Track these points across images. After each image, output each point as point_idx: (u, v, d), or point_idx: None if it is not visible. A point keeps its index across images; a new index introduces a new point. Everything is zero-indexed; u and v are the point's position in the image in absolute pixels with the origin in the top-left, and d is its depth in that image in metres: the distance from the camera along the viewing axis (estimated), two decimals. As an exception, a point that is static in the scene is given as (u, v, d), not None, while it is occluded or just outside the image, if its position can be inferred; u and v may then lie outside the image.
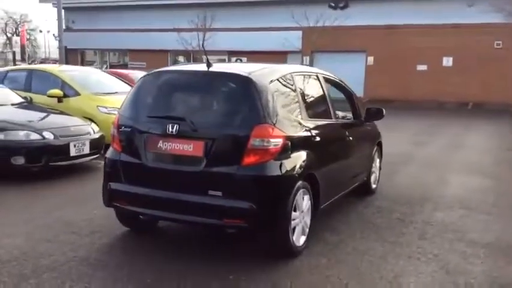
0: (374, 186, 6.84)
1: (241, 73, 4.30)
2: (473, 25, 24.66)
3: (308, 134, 4.62)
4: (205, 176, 4.13)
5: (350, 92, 6.22)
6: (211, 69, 4.48)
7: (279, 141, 4.13)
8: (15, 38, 53.99)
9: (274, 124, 4.13)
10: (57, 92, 9.31)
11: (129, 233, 4.98)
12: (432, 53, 26.12)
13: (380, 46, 27.29)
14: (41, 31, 69.95)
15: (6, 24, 67.44)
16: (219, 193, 4.06)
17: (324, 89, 5.35)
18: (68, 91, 9.47)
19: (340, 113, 6.30)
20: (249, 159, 4.03)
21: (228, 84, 4.38)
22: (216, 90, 4.42)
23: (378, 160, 6.97)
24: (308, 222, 4.64)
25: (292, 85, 4.68)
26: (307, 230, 4.63)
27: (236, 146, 4.09)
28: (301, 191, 4.41)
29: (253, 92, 4.16)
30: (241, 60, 27.93)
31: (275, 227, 4.20)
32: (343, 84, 6.13)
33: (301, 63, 28.89)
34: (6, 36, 66.40)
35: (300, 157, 4.40)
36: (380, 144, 7.03)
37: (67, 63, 24.09)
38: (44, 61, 49.43)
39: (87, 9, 35.27)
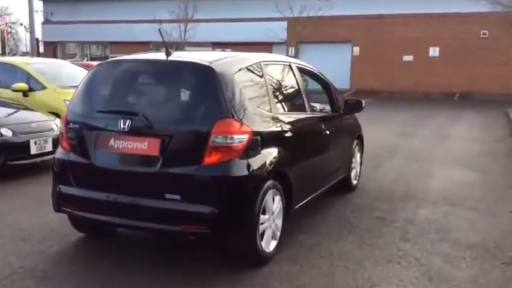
0: (354, 182, 6.47)
1: (202, 62, 3.88)
2: (460, 14, 24.45)
3: (279, 128, 4.21)
4: (161, 177, 3.71)
5: (327, 83, 5.81)
6: (170, 58, 4.04)
7: (245, 138, 3.72)
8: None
9: (238, 118, 3.72)
10: (22, 85, 8.80)
11: (84, 239, 4.56)
12: (418, 43, 25.89)
13: (365, 36, 26.98)
14: (21, 24, 68.82)
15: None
16: (177, 196, 3.65)
17: (298, 80, 4.94)
18: (34, 85, 8.95)
19: (318, 106, 5.92)
20: (211, 158, 3.62)
21: (187, 75, 3.95)
22: (174, 81, 3.99)
23: (358, 154, 6.59)
24: (280, 225, 4.25)
25: (261, 75, 4.27)
26: (278, 233, 4.24)
27: (196, 143, 3.67)
28: (271, 191, 4.02)
29: (215, 82, 3.74)
30: (224, 51, 27.48)
31: (240, 232, 3.80)
32: (319, 74, 5.72)
33: (287, 55, 28.50)
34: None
35: (269, 154, 4.00)
36: (360, 138, 6.64)
37: (45, 56, 23.45)
38: (25, 55, 48.56)
39: (66, 0, 34.36)
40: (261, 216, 3.90)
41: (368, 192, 6.37)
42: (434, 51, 26.09)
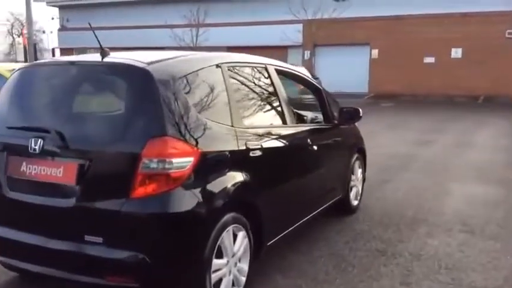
0: (355, 203, 5.55)
1: (137, 64, 3.03)
2: (484, 13, 23.22)
3: (243, 146, 3.34)
4: (79, 213, 2.88)
5: (317, 89, 4.92)
6: (105, 59, 3.21)
7: (188, 161, 2.87)
8: (18, 40, 53.24)
9: (180, 136, 2.87)
10: None
11: (17, 280, 3.76)
12: (440, 44, 24.68)
13: (384, 38, 25.89)
14: (43, 32, 69.25)
15: (12, 25, 66.79)
16: (99, 239, 2.81)
17: (276, 85, 4.05)
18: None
19: (307, 116, 5.06)
20: (141, 190, 2.77)
21: (117, 80, 3.11)
22: (100, 89, 3.17)
23: (359, 171, 5.65)
24: (246, 269, 3.39)
25: (220, 80, 3.40)
26: (243, 279, 3.38)
27: (122, 169, 2.84)
28: (230, 227, 3.16)
29: (150, 89, 2.90)
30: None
31: (183, 285, 2.94)
32: (307, 78, 4.84)
33: (303, 58, 27.62)
34: (13, 37, 65.77)
35: (227, 180, 3.15)
36: (361, 152, 5.71)
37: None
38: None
39: (81, 6, 34.23)
40: (215, 261, 3.05)
41: (370, 215, 5.44)
42: (456, 53, 24.84)
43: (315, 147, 4.32)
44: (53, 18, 40.61)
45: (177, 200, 2.82)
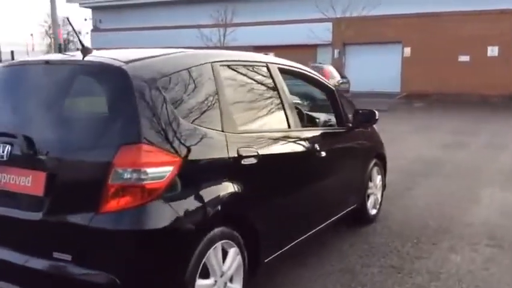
0: (373, 212, 5.15)
1: (113, 63, 2.73)
2: (522, 10, 22.29)
3: (233, 154, 3.00)
4: (47, 227, 2.61)
5: (329, 89, 4.54)
6: (85, 58, 2.92)
7: (167, 171, 2.55)
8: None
9: (157, 142, 2.55)
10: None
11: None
12: (475, 42, 23.86)
13: (417, 36, 25.19)
14: (80, 33, 70.72)
15: (50, 27, 68.39)
16: (68, 256, 2.53)
17: (278, 85, 3.69)
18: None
19: (317, 119, 4.70)
20: (112, 203, 2.47)
21: (92, 81, 2.83)
22: (74, 91, 2.86)
23: (378, 178, 5.24)
24: (239, 288, 3.06)
25: (209, 81, 3.06)
26: (235, 300, 3.04)
27: (94, 180, 2.55)
28: (218, 244, 2.84)
29: (126, 91, 2.60)
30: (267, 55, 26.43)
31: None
32: (317, 77, 4.46)
33: (332, 57, 27.11)
34: (50, 38, 67.28)
35: (214, 192, 2.82)
36: (381, 157, 5.30)
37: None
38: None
39: (113, 8, 34.64)
40: (200, 281, 2.73)
41: (388, 226, 5.03)
42: (492, 51, 23.95)
43: (323, 153, 3.95)
44: (85, 20, 41.13)
45: (152, 215, 2.50)
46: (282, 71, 3.85)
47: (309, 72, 4.38)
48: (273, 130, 3.55)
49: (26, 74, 3.06)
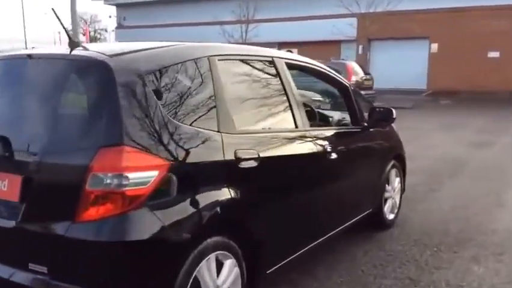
0: (390, 216, 4.84)
1: (97, 57, 2.50)
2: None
3: (230, 156, 2.74)
4: (22, 236, 2.40)
5: (344, 86, 4.25)
6: (73, 52, 2.69)
7: (151, 176, 2.31)
8: (82, 38, 55.07)
9: (140, 144, 2.31)
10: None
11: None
12: (506, 37, 23.04)
13: (445, 32, 24.45)
14: (106, 30, 71.28)
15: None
16: (44, 268, 2.32)
17: (284, 81, 3.41)
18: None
19: (335, 117, 4.41)
20: (90, 211, 2.24)
21: (74, 77, 2.60)
22: (56, 87, 2.63)
23: (397, 180, 4.92)
24: (236, 304, 2.80)
25: (205, 77, 2.80)
26: (233, 316, 2.79)
27: (71, 185, 2.32)
28: (212, 256, 2.59)
29: (108, 87, 2.36)
30: (291, 52, 26.13)
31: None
32: (330, 73, 4.16)
33: (356, 53, 26.61)
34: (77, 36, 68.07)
35: (207, 199, 2.56)
36: (399, 158, 4.97)
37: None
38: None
39: (137, 5, 34.76)
40: (191, 297, 2.48)
41: (407, 232, 4.71)
42: (524, 46, 23.12)
43: (334, 155, 3.66)
44: (110, 17, 41.43)
45: (135, 225, 2.27)
46: (290, 66, 3.58)
47: (321, 67, 4.09)
48: (277, 130, 3.28)
49: (5, 69, 2.85)
